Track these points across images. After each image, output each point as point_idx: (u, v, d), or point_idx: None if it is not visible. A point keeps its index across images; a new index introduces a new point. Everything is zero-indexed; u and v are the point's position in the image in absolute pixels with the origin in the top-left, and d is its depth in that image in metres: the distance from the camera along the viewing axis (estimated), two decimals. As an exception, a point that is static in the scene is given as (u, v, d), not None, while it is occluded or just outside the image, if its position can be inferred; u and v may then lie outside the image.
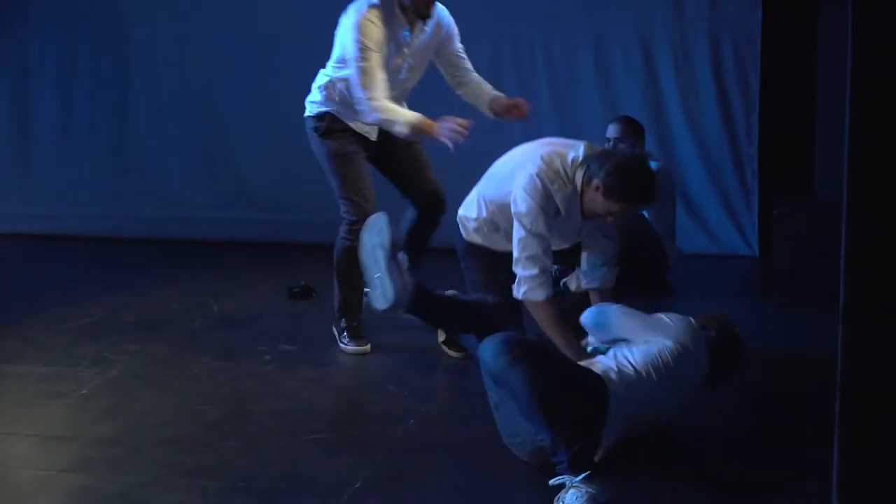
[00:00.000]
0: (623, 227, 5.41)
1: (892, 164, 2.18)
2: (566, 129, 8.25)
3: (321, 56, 8.60)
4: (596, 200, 4.92)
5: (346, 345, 5.68)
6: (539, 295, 4.96)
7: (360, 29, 5.38)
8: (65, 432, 4.66)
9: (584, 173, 4.95)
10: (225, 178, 8.91)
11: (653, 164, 6.89)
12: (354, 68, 5.43)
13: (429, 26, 5.64)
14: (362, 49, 5.38)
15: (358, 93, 5.47)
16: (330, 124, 5.75)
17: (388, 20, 5.44)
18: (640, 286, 6.64)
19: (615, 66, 8.29)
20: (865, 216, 2.19)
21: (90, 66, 9.12)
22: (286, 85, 8.69)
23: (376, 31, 5.39)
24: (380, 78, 5.42)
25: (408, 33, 5.55)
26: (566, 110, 8.32)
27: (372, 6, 5.41)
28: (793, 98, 7.95)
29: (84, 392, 5.15)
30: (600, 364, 4.25)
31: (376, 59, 5.41)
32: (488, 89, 5.92)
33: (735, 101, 8.14)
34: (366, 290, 5.44)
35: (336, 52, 5.68)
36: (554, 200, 4.98)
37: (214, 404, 4.97)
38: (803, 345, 5.82)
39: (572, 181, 4.99)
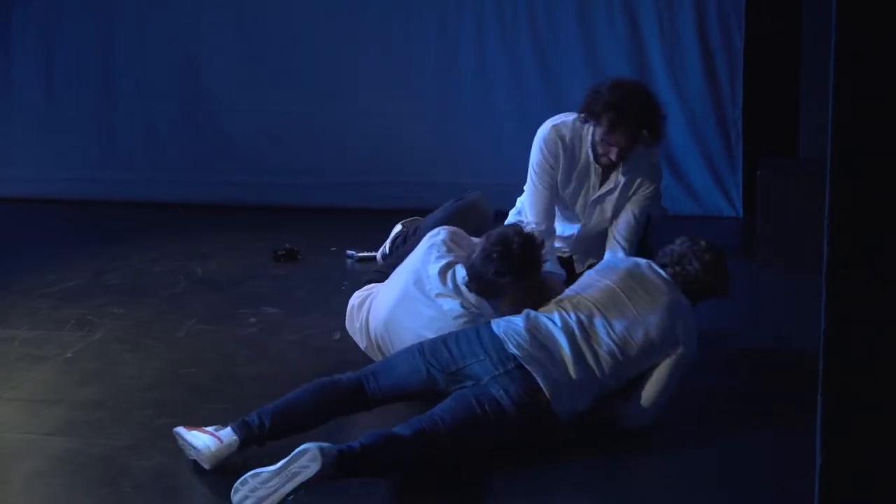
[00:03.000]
0: None
1: (876, 124, 2.17)
2: (551, 93, 8.24)
3: (307, 17, 8.62)
4: (594, 135, 4.99)
5: None
6: None
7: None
8: (49, 396, 4.65)
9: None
10: (209, 141, 8.86)
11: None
12: None
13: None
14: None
15: None
16: None
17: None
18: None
19: (599, 28, 8.25)
20: (849, 177, 2.19)
21: (73, 27, 9.04)
22: (271, 46, 8.67)
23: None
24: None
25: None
26: (550, 74, 8.29)
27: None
28: (777, 59, 7.94)
29: (68, 355, 5.14)
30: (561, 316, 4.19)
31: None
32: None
33: (719, 63, 8.12)
34: None
35: None
36: (566, 145, 5.14)
37: (199, 367, 4.97)
38: (787, 306, 5.85)
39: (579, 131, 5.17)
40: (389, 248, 6.25)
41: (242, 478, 3.60)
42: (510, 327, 4.10)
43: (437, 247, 4.64)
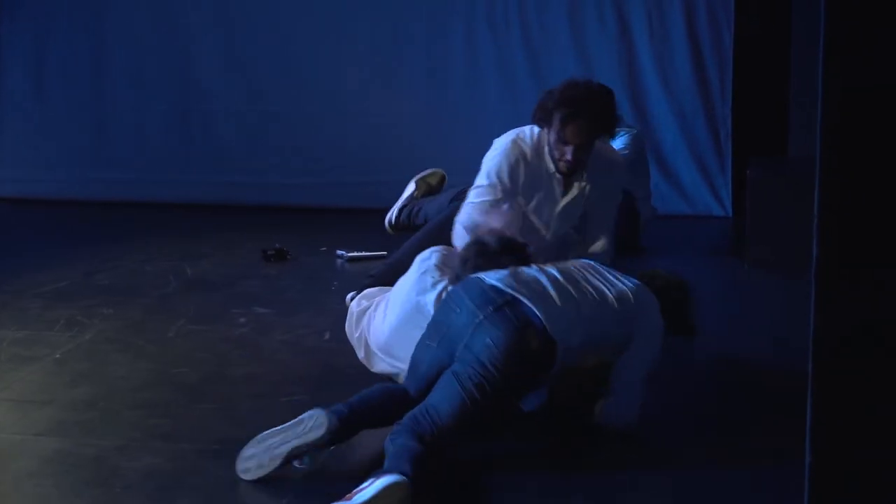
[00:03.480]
0: None
1: (865, 123, 2.18)
2: (540, 93, 8.24)
3: (299, 18, 8.62)
4: (549, 139, 4.90)
5: None
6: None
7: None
8: (39, 396, 4.64)
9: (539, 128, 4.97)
10: (199, 141, 8.87)
11: (625, 131, 6.91)
12: None
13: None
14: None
15: None
16: None
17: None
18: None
19: (589, 27, 8.28)
20: (838, 176, 2.20)
21: (64, 27, 9.03)
22: (262, 47, 8.67)
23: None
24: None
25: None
26: (541, 72, 8.31)
27: None
28: (767, 58, 7.97)
29: (58, 356, 5.13)
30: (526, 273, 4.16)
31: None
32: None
33: (709, 62, 8.15)
34: None
35: None
36: (527, 160, 4.96)
37: (190, 367, 4.96)
38: (776, 305, 5.86)
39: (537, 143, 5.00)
40: (396, 216, 6.29)
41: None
42: (489, 274, 4.10)
43: (431, 272, 4.59)
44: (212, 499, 3.73)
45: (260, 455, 3.79)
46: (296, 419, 3.82)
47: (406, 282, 4.70)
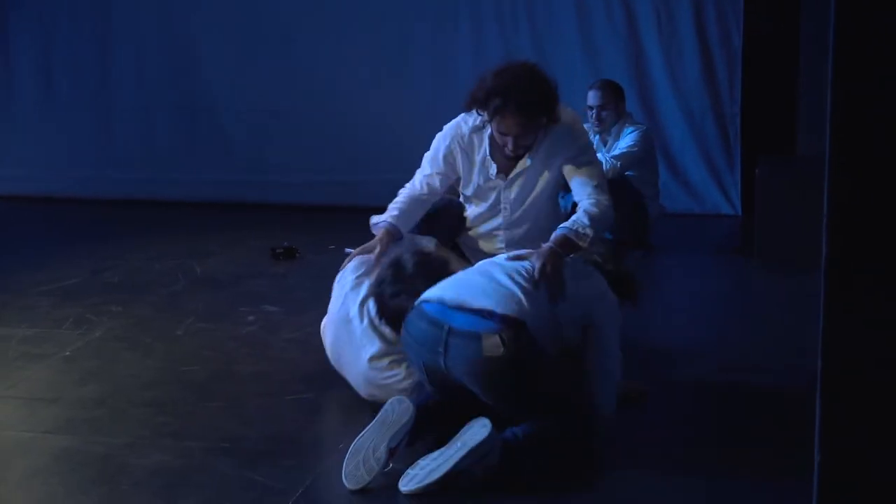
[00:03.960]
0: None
1: (875, 121, 2.17)
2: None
3: (304, 16, 8.62)
4: (492, 126, 4.68)
5: None
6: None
7: None
8: (48, 394, 4.65)
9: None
10: (207, 139, 8.88)
11: (633, 128, 6.91)
12: None
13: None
14: None
15: None
16: None
17: None
18: (622, 245, 6.67)
19: (597, 25, 8.27)
20: (848, 174, 2.19)
21: (71, 27, 9.06)
22: (269, 45, 8.68)
23: None
24: None
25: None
26: (548, 70, 8.28)
27: None
28: (776, 57, 7.95)
29: (67, 354, 5.14)
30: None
31: None
32: None
33: (718, 60, 8.13)
34: None
35: None
36: (462, 137, 4.83)
37: (198, 365, 4.97)
38: (785, 303, 5.84)
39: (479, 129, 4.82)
40: None
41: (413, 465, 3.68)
42: (431, 292, 3.99)
43: (349, 281, 4.55)
44: (220, 497, 3.73)
45: (363, 463, 3.69)
46: (377, 417, 3.75)
47: (338, 289, 4.63)
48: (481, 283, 3.94)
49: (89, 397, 4.57)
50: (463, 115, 4.88)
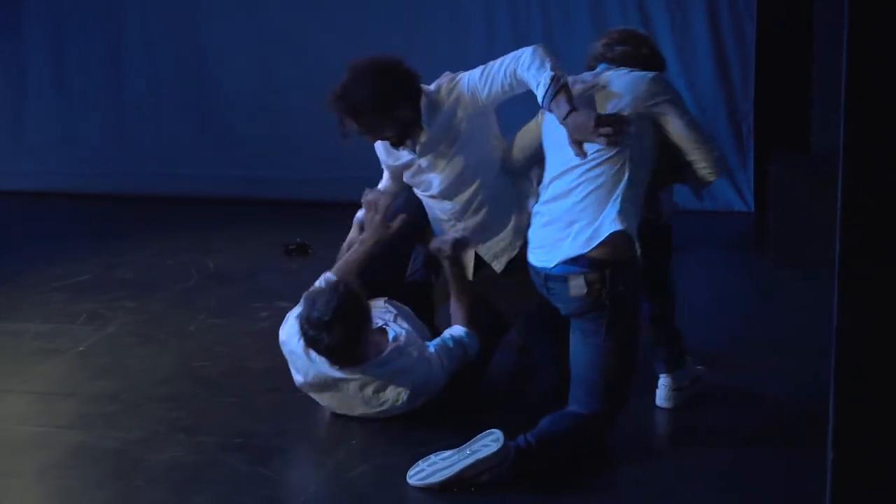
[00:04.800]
0: None
1: (889, 117, 2.17)
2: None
3: (316, 11, 8.62)
4: None
5: None
6: None
7: None
8: (62, 389, 4.67)
9: None
10: (219, 135, 8.88)
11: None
12: None
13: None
14: None
15: None
16: None
17: None
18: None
19: (610, 19, 8.24)
20: (861, 171, 2.19)
21: (83, 22, 9.07)
22: (279, 42, 8.68)
23: None
24: None
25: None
26: (562, 65, 8.28)
27: None
28: (789, 52, 7.92)
29: (81, 349, 5.16)
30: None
31: None
32: None
33: (731, 56, 8.10)
34: None
35: None
36: None
37: (211, 361, 4.98)
38: (798, 301, 5.83)
39: None
40: None
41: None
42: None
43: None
44: (233, 492, 3.74)
45: (434, 468, 3.74)
46: (472, 445, 3.75)
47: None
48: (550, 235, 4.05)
49: (103, 392, 4.58)
50: None
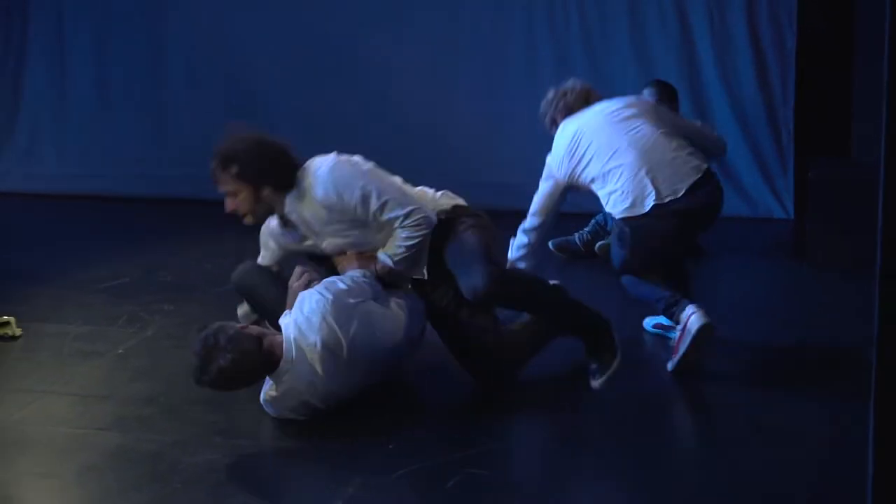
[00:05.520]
0: None
1: (930, 126, 2.16)
2: (601, 92, 8.21)
3: (355, 16, 8.65)
4: None
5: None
6: None
7: None
8: (101, 391, 4.70)
9: None
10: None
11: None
12: None
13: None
14: None
15: None
16: None
17: None
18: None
19: (650, 26, 8.23)
20: (902, 179, 2.17)
21: (124, 28, 9.14)
22: (319, 46, 8.72)
23: None
24: None
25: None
26: (601, 72, 8.28)
27: None
28: (830, 58, 7.88)
29: (120, 351, 5.19)
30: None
31: None
32: None
33: (771, 62, 8.07)
34: None
35: None
36: None
37: (248, 364, 4.98)
38: (838, 308, 5.79)
39: None
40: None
41: None
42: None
43: None
44: (269, 495, 3.75)
45: None
46: None
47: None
48: None
49: (141, 395, 4.61)
50: None
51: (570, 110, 5.44)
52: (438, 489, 3.73)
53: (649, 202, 4.91)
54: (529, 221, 5.33)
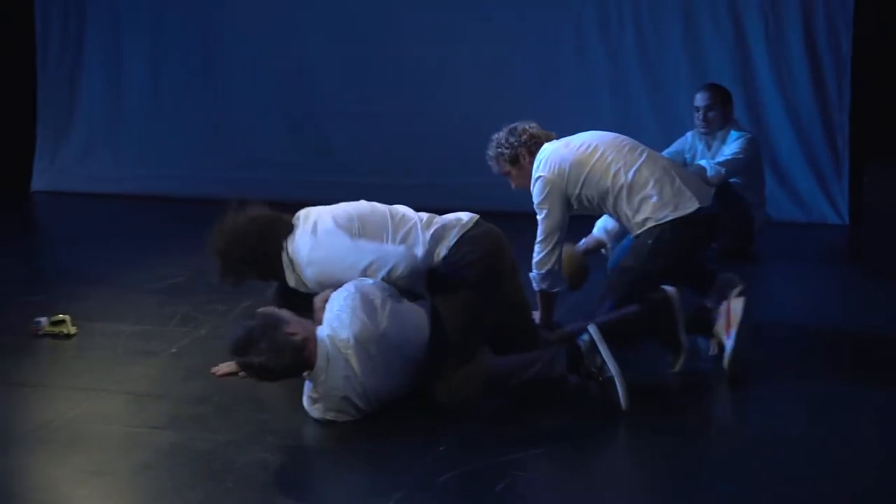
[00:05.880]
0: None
1: None
2: (654, 97, 8.21)
3: (407, 22, 8.67)
4: None
5: None
6: None
7: None
8: (155, 390, 4.74)
9: None
10: (310, 141, 8.98)
11: (739, 134, 6.82)
12: None
13: None
14: None
15: None
16: None
17: None
18: (725, 252, 6.62)
19: (704, 30, 8.18)
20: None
21: (180, 29, 9.21)
22: (372, 48, 8.74)
23: None
24: None
25: None
26: (654, 77, 8.26)
27: None
28: (886, 63, 7.81)
29: (173, 351, 5.23)
30: None
31: None
32: None
33: (827, 67, 8.00)
34: None
35: None
36: None
37: (301, 365, 5.00)
38: (893, 314, 5.74)
39: None
40: None
41: None
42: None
43: None
44: (321, 495, 3.77)
45: None
46: None
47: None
48: None
49: (194, 394, 4.64)
50: None
51: (538, 142, 5.41)
52: (487, 492, 3.73)
53: (691, 206, 5.06)
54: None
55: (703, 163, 6.67)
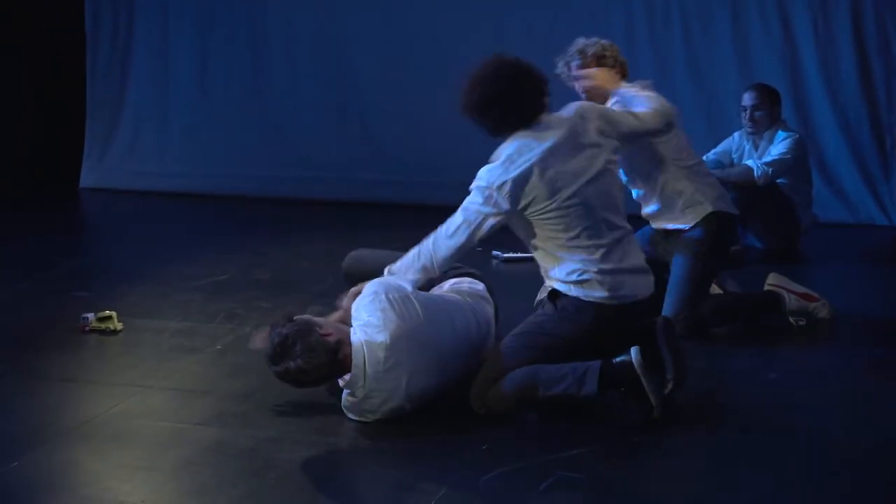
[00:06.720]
0: (756, 196, 5.40)
1: None
2: (702, 97, 8.16)
3: (452, 21, 8.66)
4: None
5: None
6: None
7: None
8: (199, 386, 4.76)
9: None
10: (357, 140, 9.00)
11: (786, 134, 6.78)
12: None
13: None
14: None
15: None
16: None
17: None
18: (771, 253, 6.58)
19: (752, 30, 8.14)
20: None
21: (227, 27, 9.27)
22: (418, 47, 8.75)
23: None
24: None
25: None
26: (701, 75, 8.22)
27: None
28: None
29: (218, 347, 5.26)
30: None
31: None
32: None
33: (876, 68, 7.93)
34: None
35: None
36: None
37: (344, 363, 5.01)
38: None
39: None
40: None
41: None
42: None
43: None
44: (363, 494, 3.78)
45: None
46: None
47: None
48: None
49: (239, 391, 4.66)
50: None
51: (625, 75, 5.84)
52: (531, 491, 3.73)
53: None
54: None
55: (749, 163, 6.64)
